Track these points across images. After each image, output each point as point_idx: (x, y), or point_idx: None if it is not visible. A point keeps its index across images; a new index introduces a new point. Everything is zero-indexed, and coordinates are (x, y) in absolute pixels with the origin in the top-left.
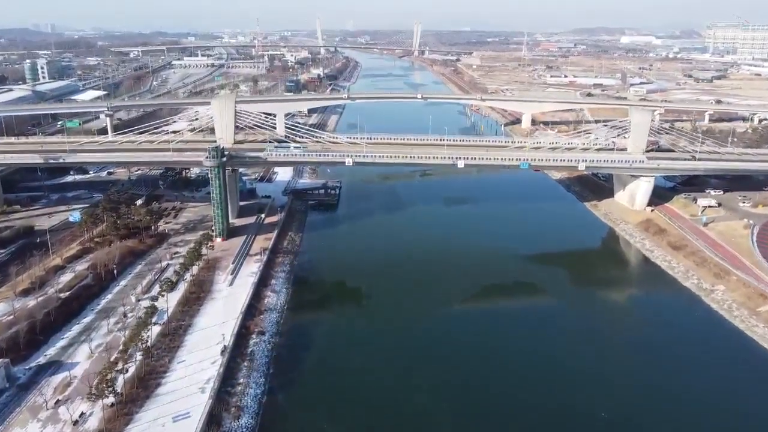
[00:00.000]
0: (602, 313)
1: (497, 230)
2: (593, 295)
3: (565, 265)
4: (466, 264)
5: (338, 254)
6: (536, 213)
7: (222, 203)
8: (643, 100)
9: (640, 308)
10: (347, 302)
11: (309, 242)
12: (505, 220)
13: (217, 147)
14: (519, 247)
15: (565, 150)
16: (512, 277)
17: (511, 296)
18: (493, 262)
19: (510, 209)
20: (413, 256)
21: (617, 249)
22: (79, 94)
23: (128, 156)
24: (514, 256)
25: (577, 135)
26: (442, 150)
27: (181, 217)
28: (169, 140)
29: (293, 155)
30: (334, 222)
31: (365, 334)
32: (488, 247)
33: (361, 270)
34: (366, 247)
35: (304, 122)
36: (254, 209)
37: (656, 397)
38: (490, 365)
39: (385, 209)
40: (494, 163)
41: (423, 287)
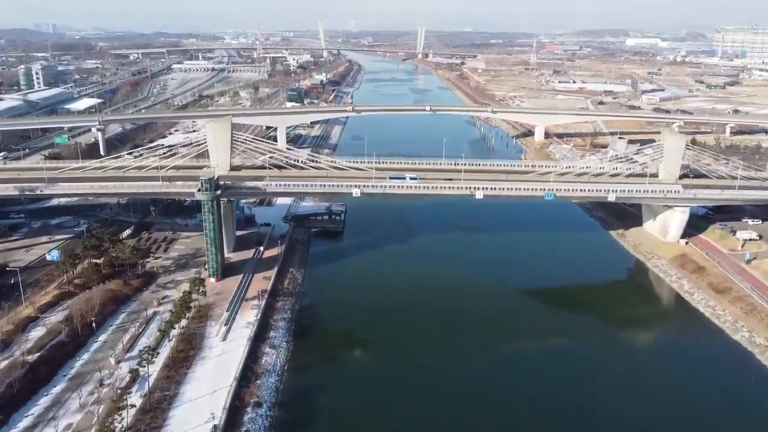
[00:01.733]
0: (637, 366)
1: (514, 262)
2: (625, 343)
3: (592, 306)
4: (482, 303)
5: (344, 295)
6: (558, 242)
7: (216, 240)
8: (657, 109)
9: (681, 364)
10: (354, 359)
11: (312, 280)
12: (523, 250)
13: (210, 178)
14: (539, 282)
15: (593, 177)
16: (533, 318)
17: (533, 340)
18: (510, 300)
19: (528, 237)
20: (425, 296)
21: (651, 288)
22: (74, 103)
23: (113, 187)
24: (535, 293)
25: (598, 153)
26: (457, 176)
27: (172, 250)
28: (160, 166)
29: (307, 186)
30: (339, 254)
31: (375, 400)
32: (505, 283)
33: (369, 316)
34: (374, 286)
35: (306, 134)
36: (252, 240)
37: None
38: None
39: (394, 237)
40: (516, 194)
41: (437, 333)
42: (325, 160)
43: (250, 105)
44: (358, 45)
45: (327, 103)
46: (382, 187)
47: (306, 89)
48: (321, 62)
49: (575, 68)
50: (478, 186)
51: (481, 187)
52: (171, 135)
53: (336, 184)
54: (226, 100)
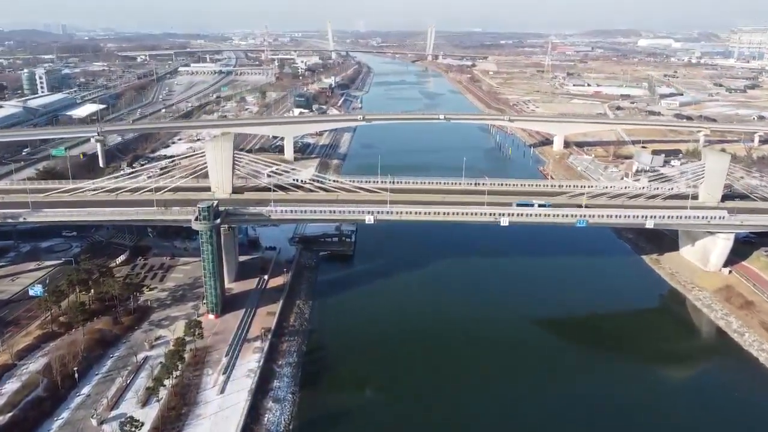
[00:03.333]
0: (679, 411)
1: (537, 290)
2: (663, 384)
3: (624, 340)
4: (503, 337)
5: (355, 333)
6: (584, 268)
7: (215, 272)
8: (678, 115)
9: (732, 413)
10: (367, 413)
11: (320, 314)
12: (546, 276)
13: (209, 206)
14: (564, 313)
15: (627, 199)
16: (559, 354)
17: (560, 378)
18: (533, 333)
19: (551, 262)
20: (443, 331)
21: (691, 323)
22: (76, 109)
23: (103, 214)
24: (559, 325)
25: (622, 165)
26: (479, 198)
27: (169, 279)
28: (156, 188)
29: (315, 212)
30: (350, 282)
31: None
32: (527, 314)
33: (383, 357)
34: (387, 321)
35: (315, 142)
36: (256, 267)
37: None
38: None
39: (408, 262)
40: (545, 220)
41: (458, 375)
42: (334, 181)
43: (256, 111)
44: (366, 46)
45: (336, 108)
46: (397, 213)
47: (314, 93)
48: (329, 64)
49: (588, 70)
50: (503, 211)
51: (506, 213)
52: (174, 144)
53: (347, 210)
54: (232, 106)
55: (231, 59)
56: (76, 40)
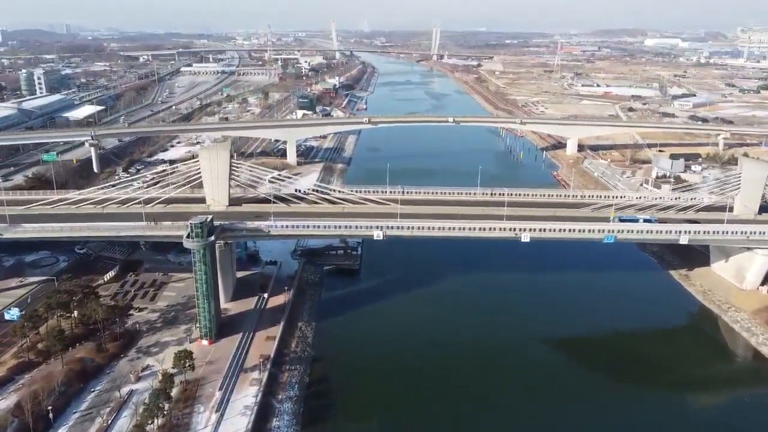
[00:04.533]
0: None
1: (556, 309)
2: (701, 422)
3: (657, 368)
4: (522, 359)
5: (363, 359)
6: (605, 283)
7: (209, 294)
8: (693, 117)
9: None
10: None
11: (325, 338)
12: (565, 292)
13: (202, 222)
14: (585, 332)
15: (657, 211)
16: (581, 377)
17: (582, 402)
18: (552, 355)
19: (570, 277)
20: (457, 354)
21: (729, 349)
22: (73, 111)
23: (88, 229)
24: (580, 345)
25: (640, 171)
26: (497, 210)
27: (160, 298)
28: (145, 200)
29: (319, 228)
30: (356, 300)
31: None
32: (548, 336)
33: (392, 387)
34: (397, 343)
35: (318, 146)
36: (255, 284)
37: None
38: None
39: (418, 276)
40: (570, 236)
41: (474, 400)
42: (338, 192)
43: (259, 112)
44: (370, 45)
45: (340, 109)
46: (409, 228)
47: (318, 95)
48: (333, 64)
49: (596, 70)
50: (523, 226)
51: (527, 228)
52: (173, 148)
53: (353, 225)
54: (234, 107)
55: (234, 59)
56: (80, 40)
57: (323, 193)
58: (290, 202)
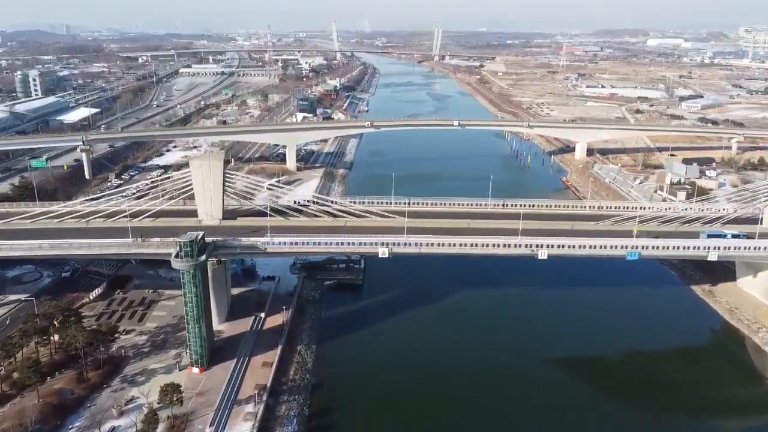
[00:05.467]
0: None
1: (570, 327)
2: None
3: (679, 391)
4: (535, 383)
5: (368, 385)
6: (621, 299)
7: (200, 318)
8: (702, 119)
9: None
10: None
11: (326, 363)
12: (579, 309)
13: (191, 240)
14: (601, 351)
15: (682, 224)
16: (600, 402)
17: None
18: (568, 378)
19: (584, 292)
20: (470, 378)
21: (759, 372)
22: (68, 113)
23: (68, 246)
24: (596, 366)
25: (653, 176)
26: (511, 224)
27: (149, 318)
28: (132, 214)
29: (319, 245)
30: (359, 319)
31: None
32: (561, 355)
33: (403, 418)
34: (405, 368)
35: (319, 150)
36: (252, 302)
37: None
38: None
39: (426, 292)
40: (590, 253)
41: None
42: (337, 203)
43: (258, 115)
44: (371, 46)
45: (341, 111)
46: (416, 245)
47: (318, 96)
48: (334, 65)
49: (599, 71)
50: (540, 243)
51: (544, 245)
52: (168, 152)
53: (357, 242)
54: (232, 109)
55: (234, 60)
56: (80, 40)
57: (323, 205)
58: (288, 215)
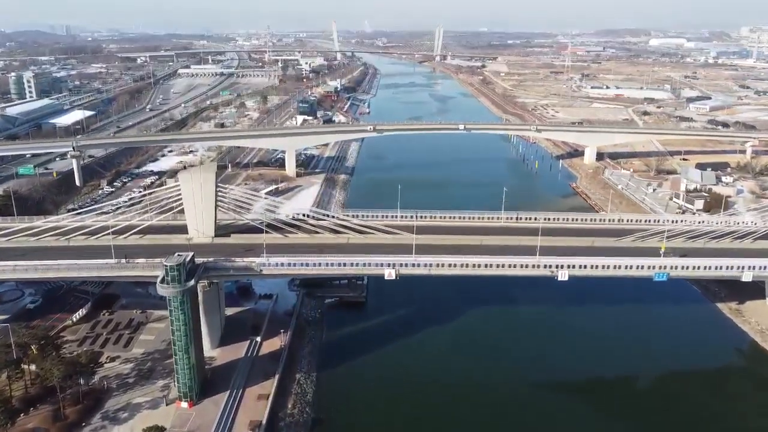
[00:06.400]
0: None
1: (587, 349)
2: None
3: (706, 418)
4: (555, 407)
5: (372, 419)
6: (643, 318)
7: (189, 347)
8: (712, 121)
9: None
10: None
11: (327, 393)
12: (598, 332)
13: (179, 263)
14: (621, 375)
15: (710, 239)
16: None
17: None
18: (585, 402)
19: (602, 311)
20: (484, 410)
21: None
22: (62, 116)
23: (44, 269)
24: (615, 391)
25: (667, 182)
26: (527, 239)
27: (136, 343)
28: (117, 230)
29: (320, 266)
30: (363, 341)
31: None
32: (578, 378)
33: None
34: (415, 397)
35: (319, 154)
36: (247, 324)
37: None
38: None
39: (434, 311)
40: (615, 273)
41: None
42: (342, 218)
43: (257, 117)
44: (372, 46)
45: (342, 113)
46: (426, 266)
47: (319, 98)
48: (335, 66)
49: (602, 71)
50: (560, 263)
51: (565, 265)
52: (164, 158)
53: (361, 262)
54: (230, 112)
55: (233, 60)
56: (79, 41)
57: (324, 220)
58: (286, 231)
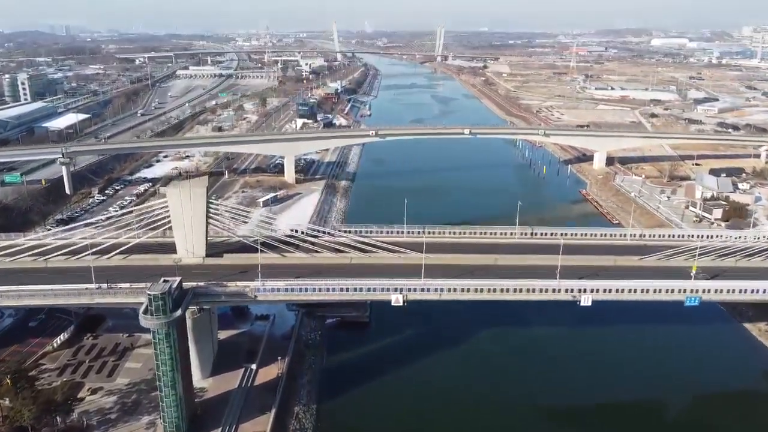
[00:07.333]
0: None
1: (606, 374)
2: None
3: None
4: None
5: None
6: (663, 338)
7: (176, 383)
8: (722, 124)
9: None
10: None
11: (329, 429)
12: (616, 356)
13: (164, 292)
14: (641, 401)
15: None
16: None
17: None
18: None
19: (619, 331)
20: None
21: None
22: (55, 120)
23: (14, 296)
24: (636, 418)
25: (680, 189)
26: (543, 260)
27: (121, 371)
28: (98, 249)
29: (319, 291)
30: (367, 366)
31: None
32: (597, 408)
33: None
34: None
35: (320, 159)
36: (242, 350)
37: None
38: None
39: (443, 331)
40: (642, 297)
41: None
42: (343, 236)
43: (255, 120)
44: (372, 46)
45: (342, 116)
46: (437, 290)
47: (319, 100)
48: (335, 67)
49: (606, 71)
50: (582, 286)
51: (588, 289)
52: (159, 163)
53: (365, 287)
54: (229, 114)
55: (233, 61)
56: (78, 41)
57: (324, 236)
58: (283, 250)
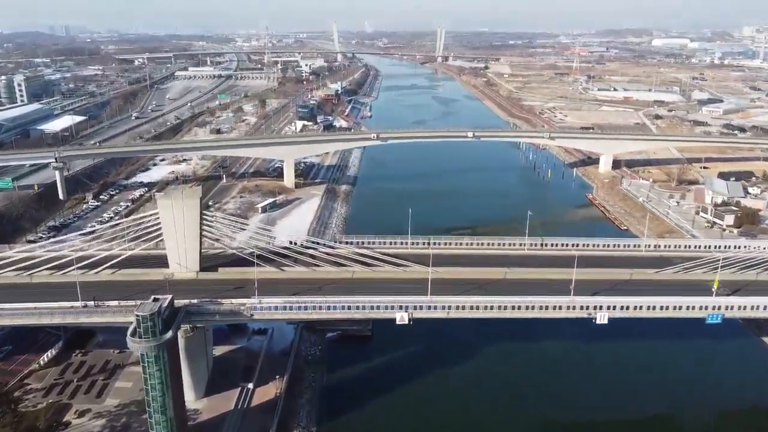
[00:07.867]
0: None
1: (620, 392)
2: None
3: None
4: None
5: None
6: (679, 353)
7: (166, 409)
8: (727, 125)
9: None
10: None
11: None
12: (631, 373)
13: (153, 313)
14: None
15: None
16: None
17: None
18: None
19: (634, 346)
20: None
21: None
22: (51, 122)
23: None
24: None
25: (690, 193)
26: (555, 273)
27: (111, 391)
28: (86, 263)
29: (320, 310)
30: (370, 382)
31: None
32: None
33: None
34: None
35: (320, 163)
36: (238, 368)
37: None
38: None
39: (450, 345)
40: (662, 314)
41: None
42: (344, 249)
43: (255, 122)
44: (373, 47)
45: (343, 117)
46: (444, 308)
47: (319, 101)
48: (335, 67)
49: (608, 72)
50: (598, 303)
51: (604, 306)
52: (155, 167)
53: (368, 305)
54: (227, 116)
55: (232, 62)
56: (78, 42)
57: (324, 247)
58: (281, 264)
